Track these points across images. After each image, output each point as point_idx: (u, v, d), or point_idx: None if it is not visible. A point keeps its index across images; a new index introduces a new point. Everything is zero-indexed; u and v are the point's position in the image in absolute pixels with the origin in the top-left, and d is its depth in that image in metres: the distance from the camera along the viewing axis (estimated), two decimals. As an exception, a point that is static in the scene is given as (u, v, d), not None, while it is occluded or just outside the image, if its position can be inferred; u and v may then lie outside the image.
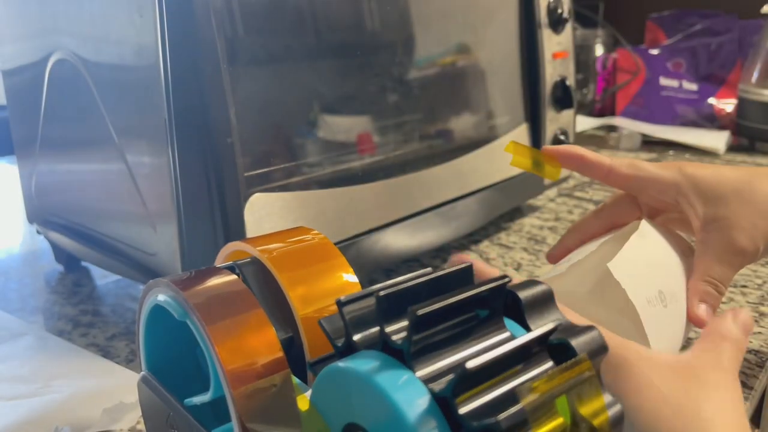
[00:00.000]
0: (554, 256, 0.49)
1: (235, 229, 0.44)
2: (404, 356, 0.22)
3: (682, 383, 0.30)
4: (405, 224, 0.56)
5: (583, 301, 0.37)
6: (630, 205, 0.46)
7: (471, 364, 0.20)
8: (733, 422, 0.29)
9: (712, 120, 1.16)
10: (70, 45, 0.51)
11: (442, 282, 0.24)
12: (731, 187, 0.41)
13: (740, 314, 0.34)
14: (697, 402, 0.29)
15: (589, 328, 0.24)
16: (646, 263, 0.40)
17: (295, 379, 0.27)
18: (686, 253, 0.44)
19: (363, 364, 0.22)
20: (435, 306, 0.22)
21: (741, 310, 0.34)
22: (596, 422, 0.22)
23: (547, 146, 0.47)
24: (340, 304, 0.24)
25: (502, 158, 0.69)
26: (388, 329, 0.23)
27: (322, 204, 0.50)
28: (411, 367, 0.22)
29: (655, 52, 1.22)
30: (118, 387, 0.43)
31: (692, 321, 0.40)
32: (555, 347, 0.23)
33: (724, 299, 0.55)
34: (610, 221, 0.47)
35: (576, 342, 0.23)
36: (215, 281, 0.27)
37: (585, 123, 1.20)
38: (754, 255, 0.40)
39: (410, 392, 0.21)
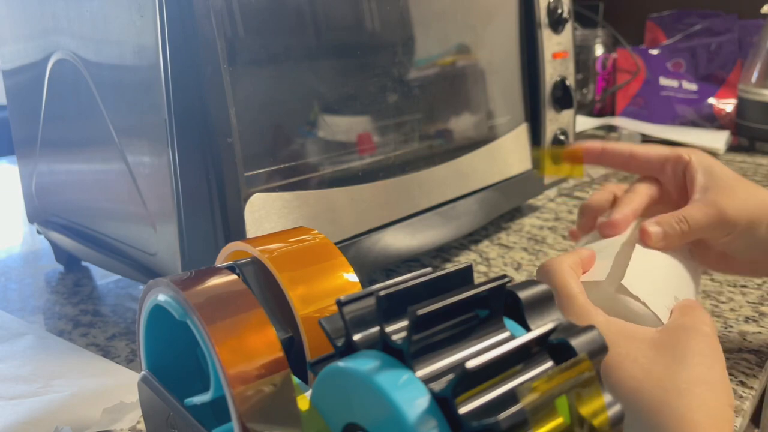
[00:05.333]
0: (576, 235, 0.50)
1: (235, 229, 0.44)
2: (404, 356, 0.22)
3: (661, 355, 0.32)
4: (405, 224, 0.56)
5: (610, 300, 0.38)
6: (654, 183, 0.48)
7: (471, 364, 0.20)
8: (712, 383, 0.31)
9: (711, 120, 1.16)
10: (70, 45, 0.51)
11: (442, 282, 0.24)
12: (733, 174, 0.44)
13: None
14: (676, 372, 0.31)
15: (589, 327, 0.24)
16: (661, 266, 0.41)
17: (295, 379, 0.27)
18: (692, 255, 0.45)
19: (363, 364, 0.22)
20: (435, 306, 0.22)
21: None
22: (596, 422, 0.22)
23: (567, 148, 0.49)
24: (340, 303, 0.24)
25: (502, 158, 0.69)
26: (388, 329, 0.23)
27: (322, 204, 0.50)
28: (411, 367, 0.22)
29: (654, 52, 1.22)
30: (118, 387, 0.43)
31: (640, 233, 0.41)
32: (555, 347, 0.23)
33: (723, 299, 0.55)
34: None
35: (576, 342, 0.23)
36: (215, 281, 0.27)
37: (585, 123, 1.20)
38: (730, 225, 0.42)
39: (410, 392, 0.21)
